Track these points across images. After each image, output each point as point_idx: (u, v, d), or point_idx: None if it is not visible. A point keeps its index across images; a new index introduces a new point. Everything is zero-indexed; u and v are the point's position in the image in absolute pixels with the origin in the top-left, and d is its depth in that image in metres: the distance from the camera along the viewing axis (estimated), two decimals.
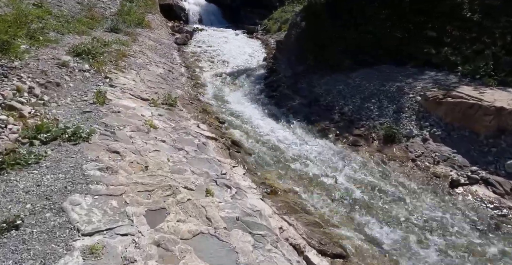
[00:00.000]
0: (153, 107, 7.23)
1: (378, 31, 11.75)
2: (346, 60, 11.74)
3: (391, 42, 11.41)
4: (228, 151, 6.58)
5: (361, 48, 11.74)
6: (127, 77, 8.81)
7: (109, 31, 14.00)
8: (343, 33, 12.51)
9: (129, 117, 6.05)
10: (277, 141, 8.05)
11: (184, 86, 11.20)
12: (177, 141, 5.80)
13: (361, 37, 11.89)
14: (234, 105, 10.25)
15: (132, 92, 7.58)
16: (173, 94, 9.11)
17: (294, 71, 12.81)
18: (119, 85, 7.68)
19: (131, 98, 7.25)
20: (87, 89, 7.11)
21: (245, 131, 8.41)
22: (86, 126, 5.08)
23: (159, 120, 6.51)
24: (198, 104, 9.36)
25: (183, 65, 14.38)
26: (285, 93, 11.30)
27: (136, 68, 10.36)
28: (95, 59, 8.99)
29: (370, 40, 11.70)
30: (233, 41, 20.35)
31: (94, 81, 7.69)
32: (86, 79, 7.71)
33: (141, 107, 6.88)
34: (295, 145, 8.01)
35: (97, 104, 6.20)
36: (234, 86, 12.35)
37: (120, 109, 6.24)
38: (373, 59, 11.45)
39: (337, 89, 10.31)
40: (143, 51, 12.99)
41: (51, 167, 3.89)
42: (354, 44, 11.93)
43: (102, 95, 6.62)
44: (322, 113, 9.60)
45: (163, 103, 7.76)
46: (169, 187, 4.10)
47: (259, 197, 5.10)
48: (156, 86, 9.27)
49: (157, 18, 21.19)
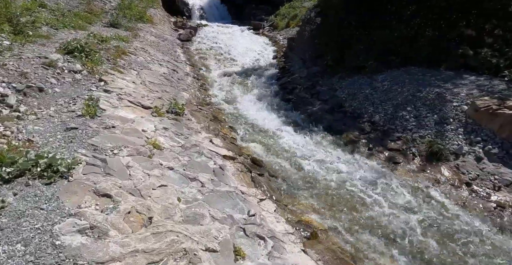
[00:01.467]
0: (157, 117, 5.81)
1: (405, 29, 10.32)
2: (370, 60, 10.31)
3: (421, 41, 10.01)
4: (250, 174, 5.18)
5: (386, 47, 10.31)
6: (125, 79, 7.36)
7: (108, 26, 12.54)
8: (364, 30, 11.08)
9: (126, 133, 4.63)
10: (302, 157, 6.66)
11: (191, 87, 9.75)
12: (188, 167, 4.39)
13: (385, 35, 10.45)
14: (248, 110, 8.82)
15: (131, 98, 6.14)
16: (179, 99, 7.67)
17: (310, 71, 11.37)
18: (116, 90, 6.23)
19: (130, 106, 5.81)
20: (77, 95, 5.66)
21: (264, 144, 7.00)
22: (68, 152, 3.65)
23: (164, 136, 5.08)
24: (207, 110, 7.92)
25: (188, 63, 12.90)
26: (302, 96, 9.87)
27: (136, 67, 8.90)
28: (89, 57, 7.52)
29: (396, 39, 10.27)
30: (239, 37, 18.78)
31: (86, 85, 6.23)
32: (76, 82, 6.25)
33: (141, 118, 5.44)
34: (323, 161, 6.62)
35: (86, 116, 4.76)
36: (245, 88, 10.90)
37: (116, 122, 4.80)
38: (400, 59, 10.01)
39: (363, 94, 8.89)
40: (144, 48, 11.50)
41: (7, 231, 2.46)
42: (378, 43, 10.50)
43: (94, 104, 5.18)
44: (348, 121, 8.20)
45: (169, 111, 6.32)
46: (183, 252, 2.71)
47: (299, 247, 3.72)
48: (159, 89, 7.83)
49: (159, 13, 19.60)
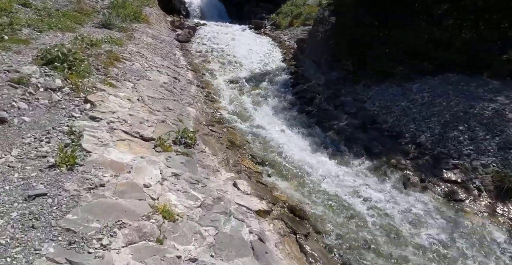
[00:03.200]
0: (162, 154, 4.20)
1: (438, 30, 8.81)
2: (398, 66, 8.79)
3: (456, 44, 8.54)
4: (295, 238, 3.64)
5: (416, 51, 8.80)
6: (119, 95, 5.69)
7: (100, 26, 10.76)
8: (387, 31, 9.56)
9: (121, 194, 3.02)
10: (346, 195, 5.13)
11: (196, 99, 8.11)
12: (217, 249, 2.81)
13: (414, 37, 8.94)
14: (265, 128, 7.23)
15: (126, 126, 4.51)
16: (186, 119, 6.04)
17: (328, 77, 9.81)
18: (106, 115, 4.57)
19: (125, 139, 4.18)
20: (53, 126, 4.02)
21: (295, 178, 5.44)
22: (24, 258, 2.06)
23: (176, 190, 3.47)
24: (220, 131, 6.31)
25: (189, 68, 11.19)
26: (324, 108, 8.32)
27: (132, 77, 7.21)
28: (73, 69, 5.81)
29: (427, 42, 8.76)
30: (241, 37, 17.04)
31: (67, 109, 4.57)
32: (54, 106, 4.58)
33: (142, 159, 3.82)
34: (370, 199, 5.10)
35: (62, 167, 3.14)
36: (256, 97, 9.28)
37: (105, 175, 3.19)
38: (433, 65, 8.51)
39: (399, 107, 7.37)
40: (140, 52, 9.77)
41: None
42: (405, 46, 8.98)
43: (75, 144, 3.54)
44: (387, 142, 6.68)
45: (176, 142, 4.69)
46: None
47: None
48: (161, 106, 6.19)
49: (155, 12, 17.71)
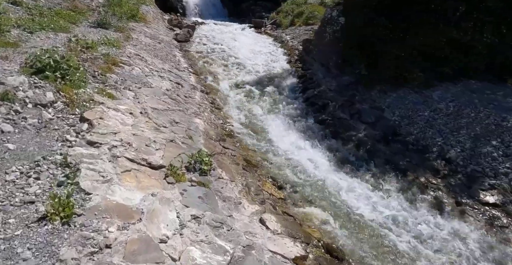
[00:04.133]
0: (175, 186, 3.48)
1: (457, 33, 8.16)
2: (415, 70, 8.14)
3: (477, 48, 7.91)
4: None
5: (434, 55, 8.15)
6: (120, 109, 4.93)
7: (95, 26, 9.90)
8: (402, 33, 8.89)
9: (133, 258, 2.29)
10: (383, 225, 4.48)
11: (202, 108, 7.36)
12: None
13: (431, 39, 8.29)
14: (280, 141, 6.52)
15: (132, 151, 3.77)
16: (195, 135, 5.31)
17: (339, 82, 9.12)
18: (107, 138, 3.82)
19: (131, 170, 3.44)
20: (43, 156, 3.27)
21: (323, 204, 4.75)
22: None
23: (199, 241, 2.76)
24: (233, 147, 5.59)
25: (191, 71, 10.40)
26: (339, 116, 7.64)
27: (133, 84, 6.44)
28: (66, 78, 5.03)
29: (446, 45, 8.12)
30: (241, 37, 16.22)
31: (60, 130, 3.80)
32: (45, 127, 3.81)
33: (153, 198, 3.09)
34: (409, 230, 4.46)
35: (55, 220, 2.41)
36: (265, 104, 8.55)
37: (111, 230, 2.44)
38: (452, 71, 7.88)
39: (422, 118, 6.73)
40: (140, 55, 8.95)
41: None
42: (422, 50, 8.32)
43: (70, 183, 2.81)
44: (412, 156, 6.04)
45: (190, 168, 3.95)
46: None
47: None
48: (166, 119, 5.44)
49: (152, 10, 16.75)
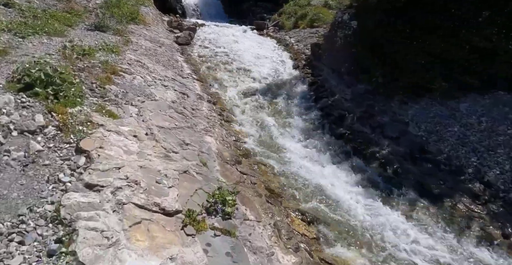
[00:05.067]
0: (196, 239, 2.73)
1: (480, 41, 7.50)
2: (437, 80, 7.47)
3: (502, 56, 7.26)
4: None
5: (457, 63, 7.49)
6: (122, 132, 4.17)
7: (93, 29, 9.11)
8: (421, 39, 8.21)
9: None
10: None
11: (211, 122, 6.61)
12: None
13: (454, 47, 7.62)
14: (300, 162, 5.80)
15: (140, 193, 3.00)
16: (210, 161, 4.55)
17: (354, 91, 8.43)
18: (110, 175, 3.06)
19: (141, 221, 2.71)
20: (29, 207, 2.50)
21: (360, 243, 4.07)
22: None
23: None
24: (251, 173, 4.85)
25: (195, 77, 9.63)
26: (359, 130, 6.95)
27: (135, 97, 5.68)
28: (60, 94, 4.27)
29: (470, 53, 7.45)
30: (243, 40, 15.45)
31: (52, 167, 3.03)
32: (33, 163, 3.03)
33: (171, 261, 2.38)
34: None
35: None
36: (278, 116, 7.83)
37: None
38: (478, 81, 7.21)
39: (452, 133, 6.06)
40: (140, 61, 8.17)
41: None
42: (444, 57, 7.66)
43: (64, 255, 2.06)
44: (445, 178, 5.37)
45: (210, 211, 3.21)
46: None
47: None
48: (175, 141, 4.69)
49: (152, 12, 15.90)
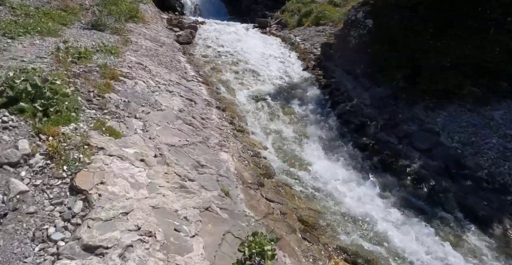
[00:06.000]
0: None
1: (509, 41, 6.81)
2: (466, 84, 6.77)
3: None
4: None
5: (486, 66, 6.80)
6: (127, 156, 3.39)
7: (89, 28, 8.27)
8: (445, 39, 7.50)
9: None
10: None
11: (224, 134, 5.83)
12: None
13: (483, 48, 6.92)
14: (327, 181, 5.06)
15: (156, 251, 2.27)
16: (232, 187, 3.81)
17: (373, 95, 7.70)
18: (116, 226, 2.29)
19: None
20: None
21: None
22: None
23: None
24: (278, 198, 4.11)
25: (200, 80, 8.82)
26: (384, 140, 6.23)
27: (139, 108, 4.89)
28: (50, 110, 3.49)
29: (500, 55, 6.76)
30: (246, 38, 14.62)
31: (39, 216, 2.24)
32: (13, 210, 2.25)
33: None
34: None
35: None
36: (294, 124, 7.05)
37: None
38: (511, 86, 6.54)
39: (491, 145, 5.36)
40: (142, 63, 7.35)
41: None
42: (472, 59, 6.96)
43: None
44: (488, 197, 4.69)
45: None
46: None
47: None
48: (189, 163, 3.92)
49: (150, 9, 14.96)
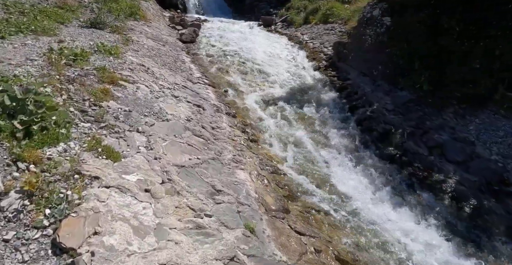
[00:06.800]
0: None
1: None
2: (500, 88, 6.09)
3: None
4: None
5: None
6: (128, 187, 2.69)
7: (88, 26, 7.55)
8: (476, 40, 6.79)
9: None
10: None
11: (238, 147, 5.13)
12: None
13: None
14: (358, 202, 4.40)
15: None
16: (255, 216, 3.13)
17: (395, 99, 7.01)
18: None
19: None
20: None
21: None
22: None
23: None
24: (308, 230, 3.46)
25: (206, 82, 8.11)
26: (412, 150, 5.55)
27: (141, 120, 4.18)
28: (34, 126, 2.79)
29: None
30: (251, 36, 13.87)
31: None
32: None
33: None
34: None
35: None
36: (312, 132, 6.33)
37: None
38: None
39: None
40: (144, 64, 6.63)
41: None
42: (506, 61, 6.28)
43: None
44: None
45: None
46: None
47: None
48: (204, 189, 3.23)
49: (152, 7, 14.18)
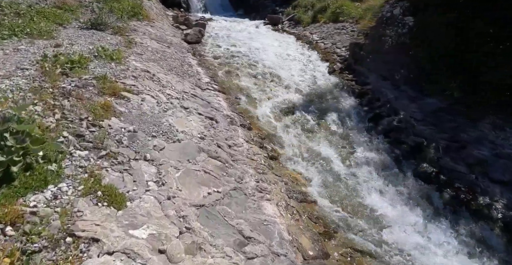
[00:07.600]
0: None
1: None
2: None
3: None
4: None
5: None
6: (137, 251, 2.06)
7: (88, 27, 6.91)
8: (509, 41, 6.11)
9: None
10: None
11: (260, 169, 4.50)
12: None
13: None
14: (402, 237, 3.78)
15: None
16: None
17: (423, 107, 6.34)
18: None
19: None
20: None
21: None
22: None
23: None
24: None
25: (215, 87, 7.43)
26: (451, 168, 4.90)
27: (149, 143, 3.49)
28: (13, 167, 2.15)
29: None
30: (258, 36, 13.14)
31: None
32: None
33: None
34: None
35: None
36: (335, 146, 5.69)
37: None
38: None
39: None
40: (149, 70, 5.94)
41: None
42: None
43: None
44: None
45: None
46: None
47: None
48: (230, 238, 2.58)
49: (155, 6, 13.44)
